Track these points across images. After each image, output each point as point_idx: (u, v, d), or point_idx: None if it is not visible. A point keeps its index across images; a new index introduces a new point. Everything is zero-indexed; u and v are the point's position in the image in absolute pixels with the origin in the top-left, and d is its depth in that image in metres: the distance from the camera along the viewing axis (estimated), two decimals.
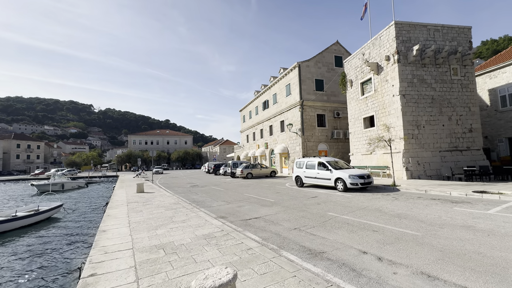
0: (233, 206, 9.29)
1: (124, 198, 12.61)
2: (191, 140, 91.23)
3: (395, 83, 15.26)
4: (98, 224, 9.53)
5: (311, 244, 4.80)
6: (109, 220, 7.60)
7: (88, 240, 8.32)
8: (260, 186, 15.78)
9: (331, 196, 10.39)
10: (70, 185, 26.25)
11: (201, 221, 6.93)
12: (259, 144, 34.88)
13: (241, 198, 11.13)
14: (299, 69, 24.32)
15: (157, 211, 8.79)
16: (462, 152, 15.38)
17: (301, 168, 13.79)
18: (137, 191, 14.91)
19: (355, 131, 19.65)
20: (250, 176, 22.72)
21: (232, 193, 13.23)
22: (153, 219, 7.51)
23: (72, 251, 7.56)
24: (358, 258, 4.05)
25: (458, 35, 15.91)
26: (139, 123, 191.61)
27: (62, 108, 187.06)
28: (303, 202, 9.31)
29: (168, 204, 10.25)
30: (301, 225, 6.17)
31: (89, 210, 13.92)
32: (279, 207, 8.63)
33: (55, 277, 6.22)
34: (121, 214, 8.49)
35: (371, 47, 17.44)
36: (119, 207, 10.05)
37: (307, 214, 7.31)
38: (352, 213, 7.19)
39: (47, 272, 6.48)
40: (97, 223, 10.34)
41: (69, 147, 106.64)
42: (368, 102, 17.99)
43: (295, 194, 11.61)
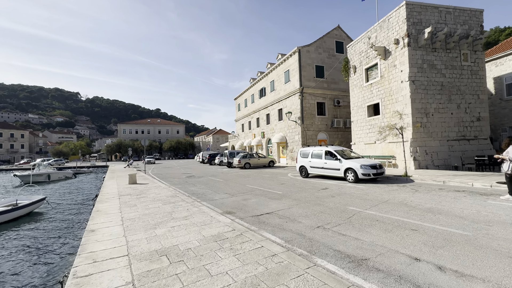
0: (238, 199, 8.43)
1: (115, 190, 11.57)
2: (183, 129, 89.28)
3: (404, 68, 14.44)
4: (86, 221, 8.54)
5: (347, 248, 3.99)
6: (99, 217, 6.61)
7: (74, 243, 7.28)
8: (261, 177, 14.96)
9: (342, 187, 9.66)
10: (56, 176, 24.77)
11: (206, 218, 6.05)
12: (255, 134, 33.93)
13: (244, 190, 10.28)
14: (299, 55, 23.19)
15: (154, 205, 7.85)
16: (470, 142, 14.90)
17: (306, 158, 12.99)
18: (129, 182, 13.86)
19: (358, 119, 18.92)
20: (248, 166, 21.89)
21: (233, 184, 12.36)
22: (149, 215, 6.57)
23: (52, 258, 6.29)
24: (413, 268, 3.26)
25: (469, 19, 15.11)
26: (128, 112, 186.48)
27: (47, 96, 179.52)
28: (314, 195, 8.54)
29: (165, 197, 9.30)
30: (324, 223, 5.37)
31: (77, 204, 12.80)
32: (290, 201, 7.82)
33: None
34: (113, 209, 7.50)
35: (378, 30, 16.48)
36: (110, 200, 9.04)
37: (325, 209, 6.52)
38: (375, 207, 6.45)
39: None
40: (85, 220, 9.29)
41: (56, 136, 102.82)
42: (373, 89, 17.19)
43: (302, 185, 10.83)
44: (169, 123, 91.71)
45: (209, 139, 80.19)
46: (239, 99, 41.55)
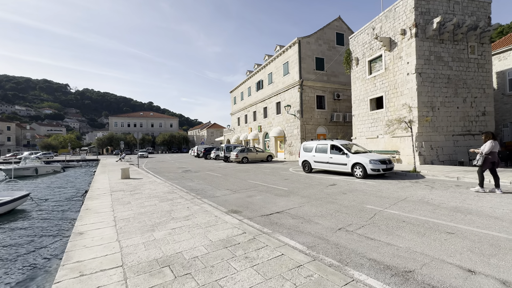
0: (241, 196, 7.79)
1: (107, 186, 10.77)
2: (177, 123, 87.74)
3: (411, 60, 13.91)
4: (73, 221, 7.77)
5: (382, 257, 3.41)
6: (88, 216, 5.88)
7: (58, 247, 6.50)
8: (261, 172, 14.35)
9: (351, 183, 9.12)
10: (44, 170, 23.60)
11: (210, 218, 5.39)
12: (251, 127, 33.21)
13: (246, 186, 9.64)
14: (299, 46, 22.42)
15: (150, 202, 7.14)
16: (474, 137, 14.58)
17: (310, 152, 12.41)
18: (121, 177, 13.05)
19: (360, 113, 18.42)
20: (246, 160, 21.24)
21: (233, 179, 11.71)
22: (146, 214, 5.88)
23: (32, 270, 5.37)
24: (473, 284, 2.70)
25: (477, 10, 14.63)
26: (120, 104, 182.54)
27: (35, 87, 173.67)
28: (324, 191, 7.97)
29: (161, 193, 8.59)
30: (345, 224, 4.79)
31: (65, 200, 11.94)
32: (298, 198, 7.23)
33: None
34: (104, 207, 6.76)
35: (383, 20, 15.86)
36: (101, 197, 8.28)
37: (340, 208, 5.94)
38: (395, 205, 5.91)
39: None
40: (72, 219, 8.49)
41: (44, 129, 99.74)
42: (376, 81, 16.65)
43: (307, 181, 10.27)
44: (163, 116, 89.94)
45: (203, 133, 79.07)
46: (235, 92, 40.61)
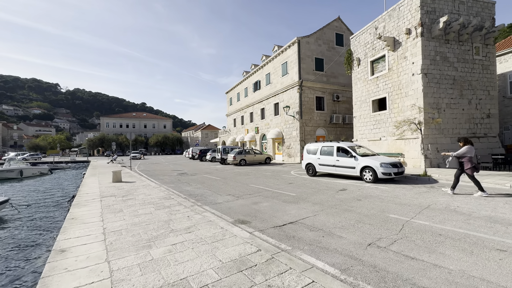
0: (246, 203, 7.10)
1: (97, 190, 9.92)
2: (171, 124, 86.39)
3: (416, 60, 13.52)
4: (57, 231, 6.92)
5: (436, 284, 2.78)
6: (73, 228, 5.10)
7: (34, 270, 5.59)
8: (262, 175, 13.68)
9: (362, 188, 8.54)
10: (30, 172, 22.34)
11: (216, 230, 4.69)
12: (248, 129, 32.54)
13: (249, 191, 8.95)
14: (298, 45, 21.93)
15: (144, 210, 6.38)
16: (480, 139, 14.26)
17: (314, 155, 11.81)
18: (113, 180, 12.18)
19: (361, 115, 17.98)
20: (244, 162, 20.53)
21: (233, 183, 11.00)
22: (140, 225, 5.13)
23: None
24: None
25: (482, 10, 14.38)
26: (112, 105, 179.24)
27: (24, 87, 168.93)
28: (335, 197, 7.35)
29: (157, 199, 7.82)
30: (373, 238, 4.16)
31: (49, 207, 10.98)
32: (309, 205, 6.59)
33: None
34: (92, 216, 5.97)
35: (387, 19, 15.47)
36: (90, 203, 7.46)
37: (360, 217, 5.32)
38: (421, 215, 5.32)
39: None
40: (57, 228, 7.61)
41: (32, 129, 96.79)
42: (379, 82, 16.24)
43: (314, 185, 9.64)
44: (156, 117, 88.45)
45: (197, 134, 77.94)
46: (230, 92, 39.90)
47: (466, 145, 6.97)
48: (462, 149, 6.95)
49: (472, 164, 6.77)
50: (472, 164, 6.77)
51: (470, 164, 6.78)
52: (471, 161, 6.80)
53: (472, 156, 6.85)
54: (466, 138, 7.15)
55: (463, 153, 6.86)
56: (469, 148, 6.88)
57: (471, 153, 6.85)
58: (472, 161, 6.80)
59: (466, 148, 6.89)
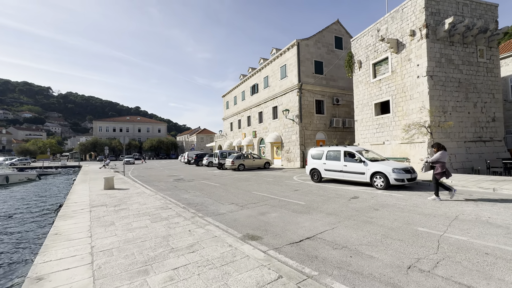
0: (252, 214, 6.44)
1: (87, 198, 9.12)
2: (165, 128, 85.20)
3: (422, 62, 13.18)
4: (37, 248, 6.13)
5: None
6: (56, 247, 4.36)
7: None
8: (263, 181, 13.03)
9: (375, 196, 7.97)
10: (16, 178, 21.19)
11: (223, 248, 4.03)
12: (245, 133, 31.92)
13: (253, 199, 8.29)
14: (298, 48, 21.54)
15: (139, 223, 5.67)
16: (486, 143, 13.95)
17: (320, 160, 11.24)
18: (104, 187, 11.39)
19: (363, 118, 17.57)
20: (242, 167, 19.86)
21: (235, 190, 10.32)
22: (135, 242, 4.44)
23: None
24: None
25: (485, 12, 14.20)
26: (105, 109, 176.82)
27: (14, 90, 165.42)
28: (349, 206, 6.75)
29: (153, 208, 7.10)
30: (411, 258, 3.56)
31: (33, 217, 10.08)
32: (323, 215, 5.97)
33: None
34: (79, 231, 5.23)
35: (390, 21, 15.18)
36: (78, 214, 6.69)
37: (386, 231, 4.72)
38: (452, 227, 4.75)
39: None
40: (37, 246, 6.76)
41: (22, 133, 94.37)
42: (382, 85, 15.87)
43: (322, 192, 9.04)
44: (150, 121, 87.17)
45: (192, 138, 76.97)
46: (227, 96, 39.33)
47: (439, 151, 7.14)
48: (436, 154, 7.13)
49: (442, 169, 6.95)
50: (443, 169, 6.95)
51: (440, 169, 6.96)
52: (443, 166, 6.98)
53: (445, 161, 7.08)
54: (439, 144, 7.30)
55: (437, 159, 7.07)
56: (442, 153, 7.07)
57: (444, 158, 7.05)
58: (443, 166, 6.98)
59: (440, 153, 7.07)
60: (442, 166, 6.97)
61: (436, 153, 7.16)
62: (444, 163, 7.04)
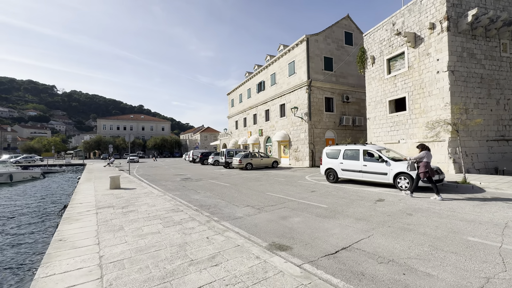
0: (272, 218, 5.90)
1: (92, 199, 8.66)
2: (169, 126, 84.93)
3: (442, 56, 12.51)
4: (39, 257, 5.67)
5: None
6: (60, 256, 3.86)
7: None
8: (275, 181, 12.48)
9: (402, 198, 7.38)
10: (20, 176, 20.91)
11: (251, 261, 3.50)
12: (251, 131, 31.38)
13: (270, 201, 7.75)
14: (307, 44, 20.90)
15: (150, 227, 5.16)
16: (509, 142, 13.25)
17: (336, 159, 10.66)
18: (110, 187, 10.93)
19: (376, 116, 16.92)
20: (250, 166, 19.33)
21: (247, 190, 9.79)
22: (148, 251, 3.92)
23: None
24: None
25: (509, 4, 13.45)
26: (109, 107, 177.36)
27: (19, 88, 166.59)
28: (377, 210, 6.18)
29: (163, 211, 6.60)
30: (479, 278, 2.99)
31: (36, 218, 9.66)
32: (351, 221, 5.42)
33: None
34: (85, 237, 4.73)
35: (406, 14, 14.49)
36: (83, 217, 6.21)
37: (431, 241, 4.15)
38: (509, 238, 4.17)
39: None
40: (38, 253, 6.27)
41: (27, 131, 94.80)
42: (397, 81, 15.20)
43: (342, 194, 8.48)
44: (154, 119, 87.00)
45: (196, 137, 76.66)
46: (232, 94, 38.79)
47: (423, 151, 7.36)
48: (420, 154, 7.38)
49: (425, 169, 7.12)
50: (426, 169, 7.11)
51: (424, 169, 7.15)
52: (426, 166, 7.14)
53: (429, 161, 7.23)
54: (423, 144, 7.55)
55: (420, 158, 7.31)
56: (425, 153, 7.29)
57: (428, 158, 7.25)
58: (427, 166, 7.14)
59: (423, 153, 7.31)
60: (425, 165, 7.14)
61: (420, 153, 7.38)
62: (428, 162, 7.19)
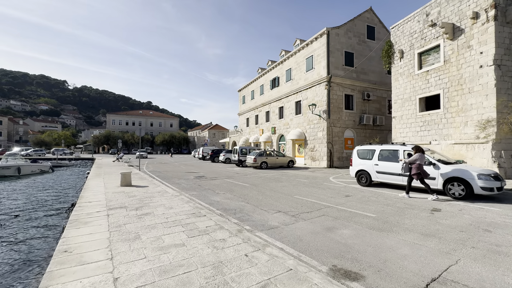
0: (315, 228, 4.92)
1: (102, 197, 7.85)
2: (177, 123, 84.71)
3: (487, 49, 11.24)
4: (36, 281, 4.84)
5: None
6: (65, 276, 2.94)
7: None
8: (297, 182, 11.48)
9: (462, 208, 6.28)
10: (29, 169, 20.46)
11: None
12: (263, 129, 30.39)
13: (302, 206, 6.76)
14: (327, 37, 19.74)
15: (172, 238, 4.24)
16: None
17: (369, 160, 9.59)
18: (121, 184, 10.14)
19: (403, 115, 15.70)
20: (265, 165, 18.38)
21: (270, 192, 8.83)
22: (174, 273, 2.99)
23: None
24: None
25: None
26: (118, 103, 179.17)
27: (32, 83, 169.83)
28: (441, 223, 5.13)
29: (183, 215, 5.69)
30: None
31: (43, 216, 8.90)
32: (419, 237, 4.39)
33: None
34: (95, 248, 3.84)
35: (443, 3, 13.22)
36: (92, 221, 5.35)
37: None
38: None
39: None
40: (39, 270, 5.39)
41: (38, 125, 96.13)
42: (430, 77, 13.96)
43: (382, 199, 7.43)
44: (162, 115, 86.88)
45: (204, 134, 76.09)
46: (244, 90, 37.83)
47: (417, 153, 7.50)
48: (414, 156, 7.52)
49: (417, 171, 7.30)
50: (419, 170, 7.29)
51: (416, 170, 7.33)
52: (419, 167, 7.31)
53: (422, 163, 7.40)
54: (418, 146, 7.71)
55: (414, 160, 7.44)
56: (419, 155, 7.42)
57: (421, 160, 7.39)
58: (420, 168, 7.32)
59: (417, 155, 7.44)
60: (418, 167, 7.30)
61: (414, 155, 7.51)
62: (421, 164, 7.35)
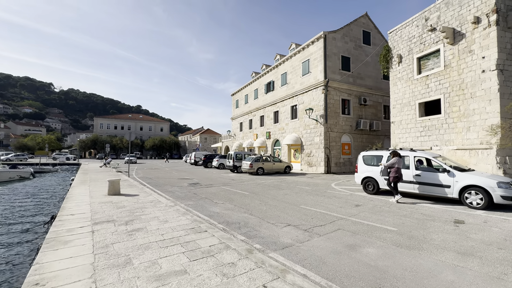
0: (335, 247, 4.30)
1: (87, 208, 6.98)
2: (168, 127, 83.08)
3: (489, 54, 11.12)
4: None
5: None
6: None
7: None
8: (299, 190, 10.87)
9: (485, 220, 5.82)
10: (6, 176, 18.99)
11: None
12: (257, 134, 29.80)
13: (313, 218, 6.14)
14: (324, 41, 19.50)
15: (171, 262, 3.52)
16: None
17: (377, 166, 9.11)
18: (109, 193, 9.24)
19: (402, 120, 15.47)
20: (261, 171, 17.73)
21: (273, 202, 8.18)
22: None
23: None
24: None
25: None
26: (107, 107, 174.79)
27: (15, 85, 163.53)
28: (472, 238, 4.62)
29: (181, 230, 4.96)
30: None
31: (16, 233, 7.90)
32: (456, 257, 3.84)
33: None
34: (76, 280, 3.03)
35: (443, 8, 13.15)
36: (74, 239, 4.54)
37: None
38: None
39: None
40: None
41: (21, 128, 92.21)
42: (429, 82, 13.80)
43: (395, 209, 6.90)
44: (153, 119, 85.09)
45: (195, 138, 74.83)
46: (237, 94, 37.25)
47: (395, 157, 7.92)
48: (391, 160, 7.93)
49: (396, 174, 7.70)
50: (396, 174, 7.70)
51: (394, 174, 7.72)
52: (397, 171, 7.70)
53: (400, 167, 7.79)
54: (395, 151, 8.21)
55: (392, 164, 7.82)
56: (397, 159, 7.84)
57: (399, 164, 7.80)
58: (398, 171, 7.71)
59: (395, 159, 7.85)
60: (396, 171, 7.69)
61: (392, 159, 7.92)
62: (399, 168, 7.74)
